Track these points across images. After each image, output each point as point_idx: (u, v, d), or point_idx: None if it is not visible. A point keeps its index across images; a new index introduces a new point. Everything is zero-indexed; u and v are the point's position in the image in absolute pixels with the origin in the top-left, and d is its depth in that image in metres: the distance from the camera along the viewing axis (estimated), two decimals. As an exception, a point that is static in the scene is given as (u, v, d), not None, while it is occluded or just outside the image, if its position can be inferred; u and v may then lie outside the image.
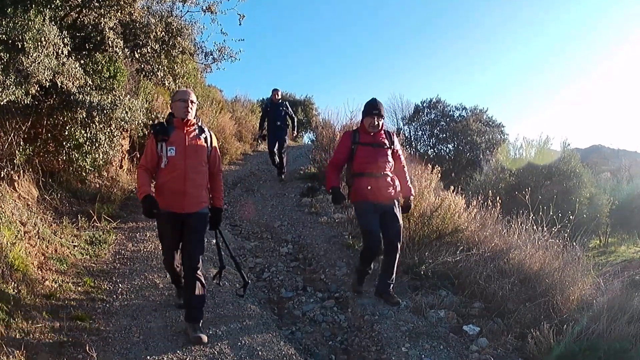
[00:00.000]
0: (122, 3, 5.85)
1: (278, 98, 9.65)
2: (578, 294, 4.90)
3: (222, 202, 4.03)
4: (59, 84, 5.10)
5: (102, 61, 6.26)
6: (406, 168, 4.84)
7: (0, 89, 4.43)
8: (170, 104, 4.00)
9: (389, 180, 4.60)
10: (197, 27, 7.45)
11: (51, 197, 5.72)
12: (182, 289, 3.99)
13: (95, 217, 5.82)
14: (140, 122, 6.54)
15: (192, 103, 3.81)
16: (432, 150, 16.15)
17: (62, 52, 4.97)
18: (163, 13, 6.90)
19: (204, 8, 7.16)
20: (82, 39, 6.01)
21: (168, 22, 6.81)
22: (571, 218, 5.90)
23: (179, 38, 6.95)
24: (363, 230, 4.68)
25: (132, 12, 6.14)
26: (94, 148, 5.99)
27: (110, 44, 5.85)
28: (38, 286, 4.08)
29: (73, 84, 5.25)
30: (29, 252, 4.38)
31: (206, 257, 4.95)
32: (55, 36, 4.80)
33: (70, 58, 5.18)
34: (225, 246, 4.10)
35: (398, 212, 4.62)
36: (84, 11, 5.90)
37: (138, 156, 7.65)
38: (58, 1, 5.16)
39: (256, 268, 5.60)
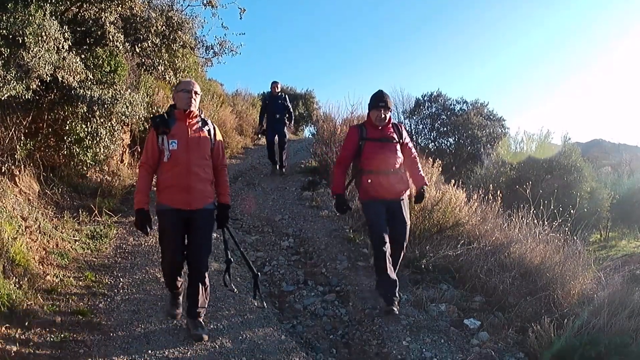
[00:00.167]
0: (123, -3, 5.84)
1: (277, 91, 9.55)
2: (579, 288, 4.91)
3: (229, 198, 3.84)
4: (60, 79, 5.09)
5: (103, 55, 6.24)
6: (417, 159, 4.64)
7: (1, 84, 4.43)
8: (172, 95, 3.88)
9: (399, 177, 4.42)
10: (198, 21, 7.47)
11: (52, 192, 5.73)
12: (177, 297, 3.89)
13: (96, 212, 5.83)
14: (141, 116, 6.53)
15: (196, 94, 3.66)
16: (433, 144, 16.09)
17: (63, 47, 4.97)
18: (164, 7, 6.91)
19: (205, 2, 7.17)
20: (83, 34, 5.99)
21: (169, 16, 6.81)
22: (572, 212, 5.92)
23: (180, 32, 6.94)
24: (372, 232, 4.45)
25: (133, 7, 6.12)
26: (95, 142, 5.99)
27: (110, 39, 5.83)
28: (39, 281, 4.09)
29: (74, 79, 5.26)
30: (30, 247, 4.39)
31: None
32: (55, 31, 4.79)
33: (70, 53, 5.18)
34: (234, 244, 3.93)
35: (406, 211, 4.46)
36: (85, 6, 5.89)
37: (139, 150, 7.64)
38: (58, -4, 5.16)
39: (257, 262, 5.60)
